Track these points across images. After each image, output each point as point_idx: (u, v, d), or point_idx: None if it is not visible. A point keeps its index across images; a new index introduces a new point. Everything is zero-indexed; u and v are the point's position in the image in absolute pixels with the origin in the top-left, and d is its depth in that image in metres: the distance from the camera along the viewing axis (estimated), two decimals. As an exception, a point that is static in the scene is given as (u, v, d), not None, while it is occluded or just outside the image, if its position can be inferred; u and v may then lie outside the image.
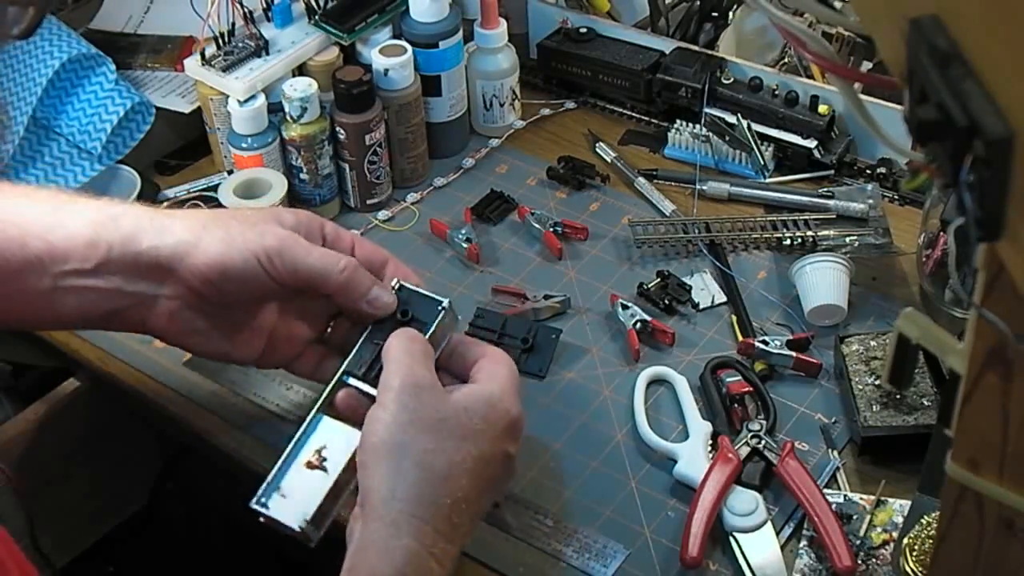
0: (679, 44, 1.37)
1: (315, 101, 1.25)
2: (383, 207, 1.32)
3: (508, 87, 1.37)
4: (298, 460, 0.92)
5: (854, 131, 1.31)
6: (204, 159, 1.38)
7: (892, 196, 1.28)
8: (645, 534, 1.00)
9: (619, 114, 1.42)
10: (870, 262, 1.21)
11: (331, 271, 0.93)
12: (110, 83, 1.31)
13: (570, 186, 1.33)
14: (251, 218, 0.96)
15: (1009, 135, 0.49)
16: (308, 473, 0.91)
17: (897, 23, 0.55)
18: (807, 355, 1.11)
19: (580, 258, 1.25)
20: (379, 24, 1.32)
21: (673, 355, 1.14)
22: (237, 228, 0.94)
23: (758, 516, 0.98)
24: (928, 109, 0.52)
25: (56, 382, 1.28)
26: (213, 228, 0.94)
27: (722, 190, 1.30)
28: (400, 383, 0.87)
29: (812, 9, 0.82)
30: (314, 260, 0.93)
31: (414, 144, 1.33)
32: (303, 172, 1.27)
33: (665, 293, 1.18)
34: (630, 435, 1.08)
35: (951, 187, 0.52)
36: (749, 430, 1.04)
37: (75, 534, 1.35)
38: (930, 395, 1.04)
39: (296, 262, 0.93)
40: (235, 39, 1.28)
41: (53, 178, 1.31)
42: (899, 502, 0.99)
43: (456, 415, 0.87)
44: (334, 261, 0.94)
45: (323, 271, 0.93)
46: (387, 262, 0.99)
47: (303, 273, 0.93)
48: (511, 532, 1.01)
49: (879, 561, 0.96)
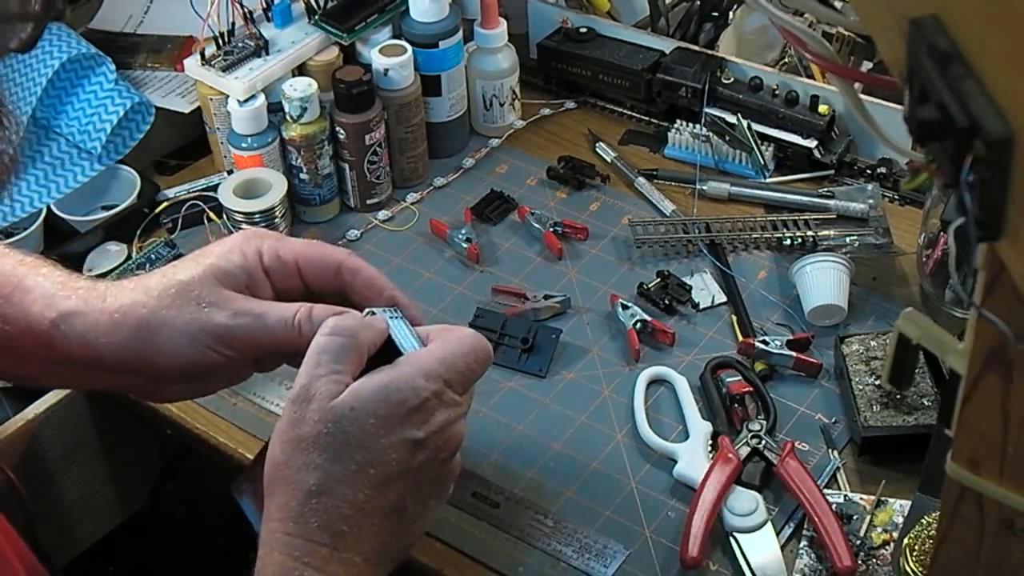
0: (679, 44, 1.37)
1: (315, 101, 1.25)
2: (383, 207, 1.32)
3: (508, 87, 1.37)
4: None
5: (854, 131, 1.31)
6: (204, 159, 1.38)
7: (892, 196, 1.28)
8: (645, 534, 1.00)
9: (619, 114, 1.42)
10: (870, 262, 1.21)
11: (287, 333, 0.88)
12: (110, 83, 1.31)
13: (570, 186, 1.33)
14: (195, 294, 0.89)
15: (1009, 135, 0.49)
16: None
17: (897, 23, 0.55)
18: (807, 355, 1.11)
19: (580, 258, 1.25)
20: (379, 24, 1.32)
21: (673, 355, 1.14)
22: (183, 322, 0.88)
23: (758, 516, 0.98)
24: (928, 109, 0.52)
25: (56, 382, 1.28)
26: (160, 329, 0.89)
27: (722, 190, 1.30)
28: (295, 394, 0.82)
29: (812, 9, 0.82)
30: (269, 330, 0.88)
31: (414, 144, 1.33)
32: (303, 172, 1.27)
33: (665, 293, 1.18)
34: (630, 435, 1.08)
35: (951, 187, 0.52)
36: (749, 430, 1.04)
37: (75, 534, 1.35)
38: (930, 395, 1.04)
39: (254, 340, 0.88)
40: (235, 39, 1.28)
41: (53, 178, 1.31)
42: (899, 502, 0.99)
43: (338, 420, 0.81)
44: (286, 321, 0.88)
45: (283, 337, 0.88)
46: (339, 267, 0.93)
47: (264, 347, 0.89)
48: (511, 532, 1.01)
49: (879, 561, 0.96)
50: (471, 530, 1.01)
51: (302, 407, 0.81)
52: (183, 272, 0.89)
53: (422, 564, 0.99)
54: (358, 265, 0.93)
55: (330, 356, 0.83)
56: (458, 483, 0.98)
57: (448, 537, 1.00)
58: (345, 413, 0.81)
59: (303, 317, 0.87)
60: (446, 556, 1.00)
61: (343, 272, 0.92)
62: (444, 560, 1.00)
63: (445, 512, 1.01)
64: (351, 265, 0.92)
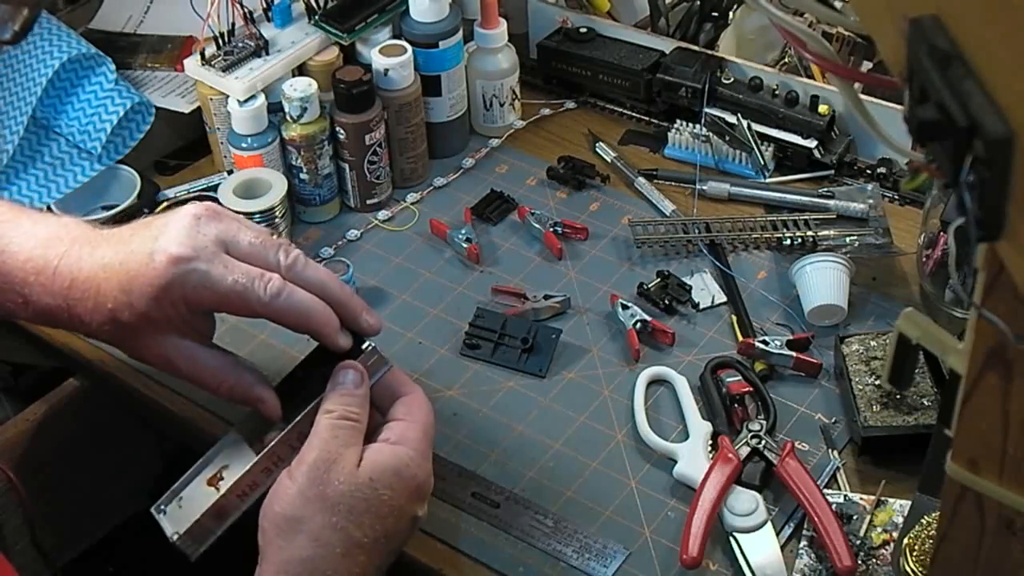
0: (679, 44, 1.37)
1: (315, 101, 1.25)
2: (383, 207, 1.32)
3: (508, 87, 1.37)
4: (202, 474, 0.94)
5: (854, 131, 1.31)
6: (204, 159, 1.38)
7: (892, 196, 1.28)
8: (645, 534, 1.00)
9: (619, 114, 1.42)
10: (870, 262, 1.21)
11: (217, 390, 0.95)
12: (110, 83, 1.31)
13: (570, 186, 1.33)
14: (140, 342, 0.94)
15: (1009, 135, 0.49)
16: (205, 489, 0.93)
17: (897, 23, 0.55)
18: (807, 355, 1.11)
19: (580, 258, 1.25)
20: (379, 24, 1.32)
21: (673, 355, 1.14)
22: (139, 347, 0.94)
23: (758, 516, 0.98)
24: (928, 109, 0.52)
25: (56, 382, 1.28)
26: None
27: (722, 190, 1.30)
28: (314, 459, 0.88)
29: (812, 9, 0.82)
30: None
31: (414, 144, 1.33)
32: (303, 172, 1.27)
33: (665, 293, 1.18)
34: (630, 435, 1.08)
35: (951, 187, 0.52)
36: (749, 430, 1.04)
37: (75, 534, 1.35)
38: (930, 395, 1.04)
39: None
40: (235, 39, 1.28)
41: (53, 178, 1.31)
42: (899, 502, 0.99)
43: (361, 489, 0.87)
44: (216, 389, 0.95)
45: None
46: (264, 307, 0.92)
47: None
48: (511, 532, 1.01)
49: (879, 561, 0.96)
50: (471, 530, 1.01)
51: (325, 470, 0.87)
52: (124, 314, 0.91)
53: (422, 564, 0.99)
54: (283, 308, 0.92)
55: (347, 432, 0.90)
56: (458, 483, 0.98)
57: (448, 537, 1.00)
58: (366, 485, 0.88)
59: (225, 392, 0.95)
60: (446, 556, 1.00)
61: (267, 316, 0.93)
62: (444, 560, 1.00)
63: (445, 512, 1.02)
64: (273, 311, 0.92)
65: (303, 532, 0.86)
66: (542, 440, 1.08)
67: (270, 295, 0.90)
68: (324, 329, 0.93)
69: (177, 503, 0.92)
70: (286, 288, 0.91)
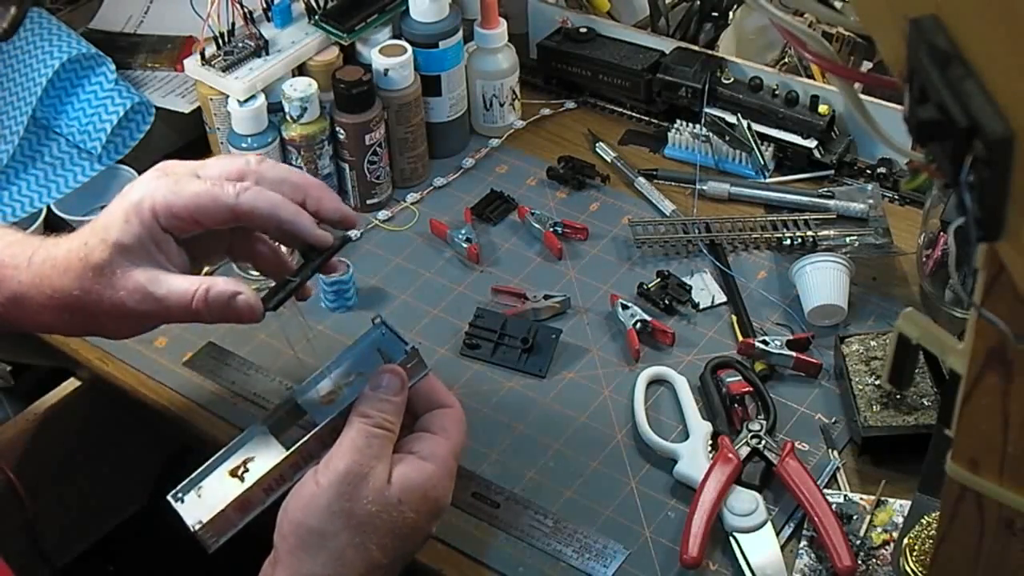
0: (679, 44, 1.37)
1: (315, 101, 1.25)
2: (383, 207, 1.32)
3: (508, 87, 1.37)
4: (224, 465, 0.93)
5: (854, 131, 1.31)
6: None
7: (892, 196, 1.28)
8: (645, 534, 1.00)
9: (619, 114, 1.42)
10: (870, 262, 1.21)
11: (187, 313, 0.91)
12: (110, 83, 1.31)
13: (570, 186, 1.33)
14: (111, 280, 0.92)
15: (1009, 135, 0.49)
16: (228, 480, 0.92)
17: (897, 23, 0.55)
18: (807, 355, 1.11)
19: (580, 258, 1.25)
20: (379, 24, 1.32)
21: (673, 355, 1.14)
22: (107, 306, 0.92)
23: (758, 516, 0.98)
24: (928, 109, 0.52)
25: (56, 382, 1.28)
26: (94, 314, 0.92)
27: (722, 190, 1.30)
28: (345, 469, 0.87)
29: (812, 9, 0.82)
30: (170, 312, 0.91)
31: (414, 144, 1.33)
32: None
33: (665, 293, 1.18)
34: (630, 435, 1.08)
35: (951, 187, 0.52)
36: (749, 430, 1.04)
37: (75, 534, 1.35)
38: (930, 395, 1.04)
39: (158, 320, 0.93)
40: (235, 39, 1.28)
41: (53, 178, 1.31)
42: (899, 502, 0.99)
43: (388, 510, 0.87)
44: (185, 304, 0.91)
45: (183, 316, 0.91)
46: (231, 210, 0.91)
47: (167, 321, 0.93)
48: (511, 532, 1.01)
49: (879, 561, 0.96)
50: (471, 530, 1.01)
51: (355, 485, 0.87)
52: (96, 254, 0.90)
53: (422, 564, 0.99)
54: (250, 204, 0.91)
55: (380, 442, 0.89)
56: (458, 483, 0.98)
57: (448, 537, 1.00)
58: (393, 505, 0.87)
59: (200, 299, 0.90)
60: (446, 556, 1.00)
61: (237, 216, 0.91)
62: (444, 560, 1.00)
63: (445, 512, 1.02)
64: (242, 209, 0.91)
65: (326, 549, 0.86)
66: (542, 440, 1.08)
67: (238, 190, 0.90)
68: (296, 219, 0.91)
69: (196, 492, 0.91)
70: (253, 186, 0.91)
